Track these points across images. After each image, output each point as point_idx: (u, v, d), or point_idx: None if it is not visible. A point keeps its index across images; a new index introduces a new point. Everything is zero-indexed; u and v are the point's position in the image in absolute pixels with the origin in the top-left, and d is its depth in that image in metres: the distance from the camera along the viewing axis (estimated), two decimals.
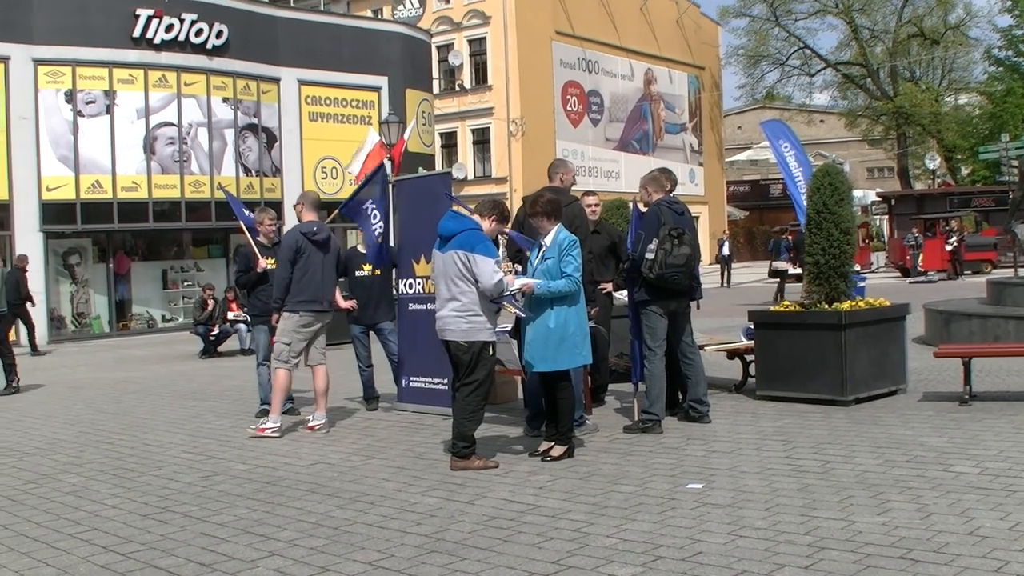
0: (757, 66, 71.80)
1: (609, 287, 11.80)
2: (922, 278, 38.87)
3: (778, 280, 31.08)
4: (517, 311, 9.21)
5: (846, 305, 11.47)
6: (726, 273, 43.02)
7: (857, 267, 12.69)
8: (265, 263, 12.57)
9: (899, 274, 43.81)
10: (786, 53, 71.51)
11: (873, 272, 46.56)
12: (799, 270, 27.32)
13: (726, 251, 43.49)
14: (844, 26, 68.13)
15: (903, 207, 50.72)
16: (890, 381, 11.85)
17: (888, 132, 69.26)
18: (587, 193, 12.27)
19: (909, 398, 11.64)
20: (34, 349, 24.98)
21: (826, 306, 11.54)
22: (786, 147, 15.39)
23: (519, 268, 9.78)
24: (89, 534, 7.38)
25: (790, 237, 34.32)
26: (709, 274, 35.35)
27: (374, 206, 12.52)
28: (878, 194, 61.93)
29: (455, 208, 9.76)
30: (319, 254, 11.45)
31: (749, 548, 6.21)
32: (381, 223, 12.45)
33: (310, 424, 11.47)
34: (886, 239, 50.61)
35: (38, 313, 28.07)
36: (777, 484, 7.80)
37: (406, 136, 25.02)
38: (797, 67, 72.28)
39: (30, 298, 24.55)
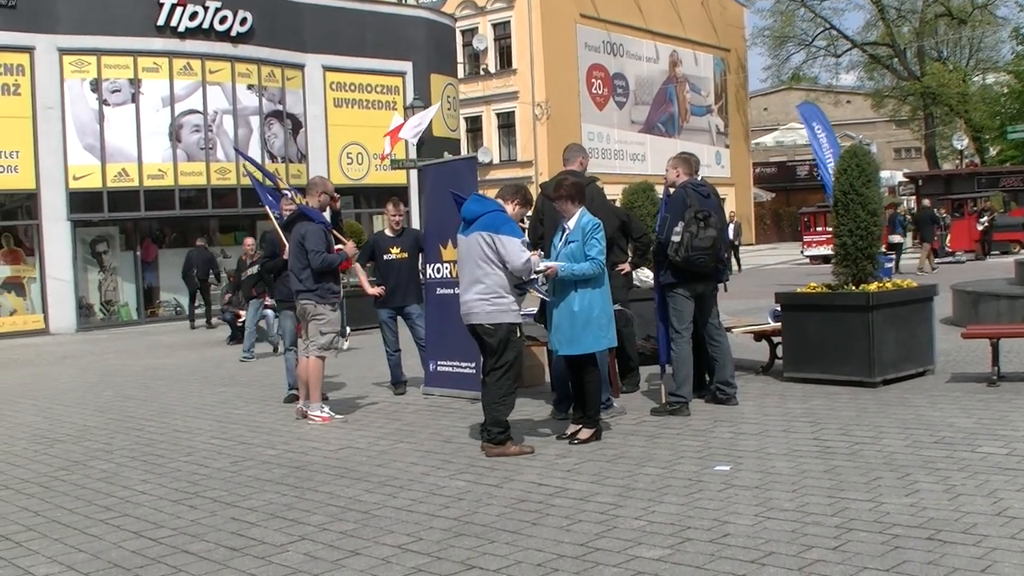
0: (783, 47, 71.57)
1: (626, 267, 11.72)
2: (950, 258, 38.69)
3: (893, 253, 32.47)
4: (542, 296, 9.20)
5: (873, 286, 11.44)
6: (731, 257, 42.29)
7: (884, 248, 12.64)
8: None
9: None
10: (812, 34, 71.27)
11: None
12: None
13: (730, 235, 42.28)
14: (870, 6, 67.75)
15: (931, 188, 50.48)
16: (918, 362, 11.81)
17: (915, 112, 68.88)
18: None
19: (937, 379, 11.60)
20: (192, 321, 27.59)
21: (853, 287, 11.51)
22: (819, 129, 15.39)
23: (542, 252, 9.76)
24: (120, 520, 7.43)
25: (905, 214, 35.21)
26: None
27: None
28: (905, 175, 61.64)
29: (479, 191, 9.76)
30: (290, 243, 11.49)
31: (777, 530, 6.21)
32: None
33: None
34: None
35: (68, 300, 28.35)
36: (805, 466, 7.79)
37: (421, 119, 24.92)
38: (823, 48, 72.05)
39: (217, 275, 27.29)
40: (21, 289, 28.44)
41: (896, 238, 33.61)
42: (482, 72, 54.28)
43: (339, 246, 11.41)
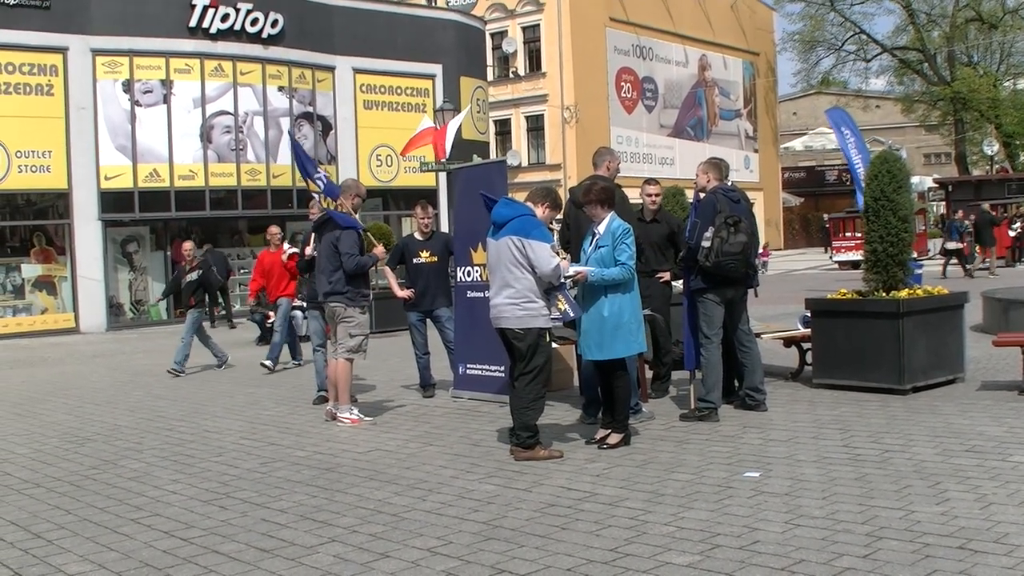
0: (812, 51, 71.38)
1: (667, 276, 11.79)
2: (980, 265, 38.41)
3: (946, 258, 34.46)
4: (568, 309, 9.14)
5: (904, 293, 11.40)
6: None
7: (914, 254, 12.59)
8: (310, 249, 12.45)
9: (955, 261, 43.33)
10: (842, 38, 71.05)
11: (930, 259, 46.10)
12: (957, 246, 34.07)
13: None
14: (900, 10, 67.50)
15: (960, 193, 50.18)
16: (948, 370, 11.76)
17: (945, 118, 68.57)
18: (648, 181, 12.22)
19: (967, 387, 11.55)
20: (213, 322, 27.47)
21: (884, 294, 11.47)
22: (848, 134, 15.34)
23: (568, 256, 9.78)
24: (151, 519, 7.48)
25: (963, 219, 35.64)
26: None
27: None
28: (935, 180, 61.32)
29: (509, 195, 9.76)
30: (320, 242, 11.50)
31: (807, 537, 6.20)
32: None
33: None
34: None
35: (98, 299, 28.52)
36: (835, 473, 7.77)
37: (451, 126, 24.95)
38: (853, 52, 71.78)
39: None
40: (52, 288, 28.63)
41: (952, 244, 33.95)
42: (511, 75, 54.34)
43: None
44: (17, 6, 27.46)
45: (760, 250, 51.12)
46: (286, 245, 17.43)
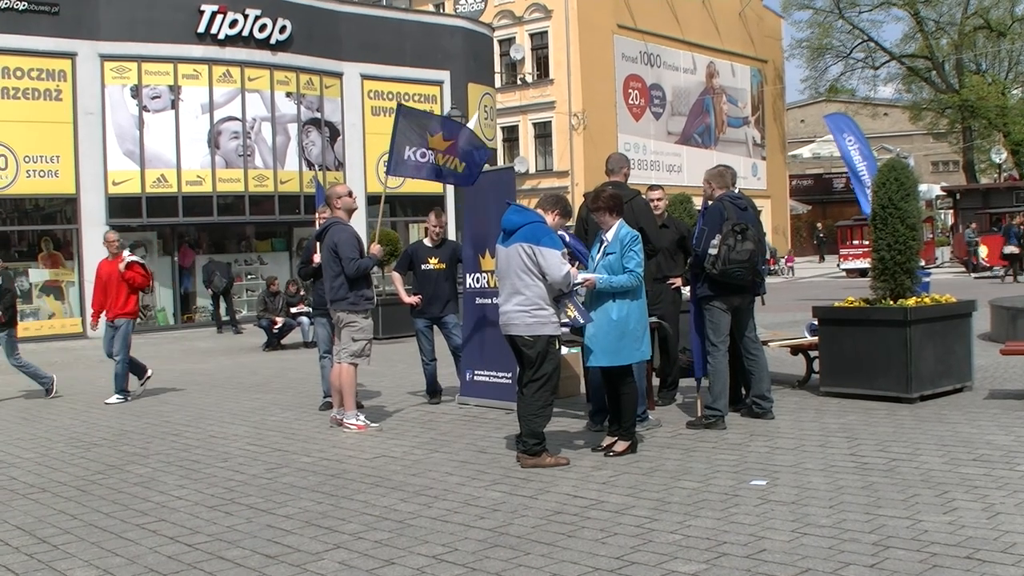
0: (821, 59, 71.18)
1: (678, 282, 11.77)
2: (988, 273, 38.44)
3: (1007, 264, 35.13)
4: (577, 315, 9.12)
5: (911, 301, 11.37)
6: None
7: (922, 262, 12.57)
8: (318, 257, 12.39)
9: (963, 269, 43.32)
10: (850, 46, 70.86)
11: (938, 267, 46.08)
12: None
13: None
14: (909, 18, 67.32)
15: (968, 201, 50.13)
16: (956, 378, 11.74)
17: (953, 125, 68.39)
18: (652, 187, 12.24)
19: (975, 395, 11.53)
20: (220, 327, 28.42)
21: (891, 302, 11.45)
22: (850, 140, 15.26)
23: (581, 263, 9.77)
24: (156, 524, 7.48)
25: (1021, 224, 35.98)
26: None
27: (414, 149, 12.31)
28: (943, 188, 61.23)
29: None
30: (323, 252, 11.51)
31: (814, 546, 6.19)
32: (430, 155, 12.22)
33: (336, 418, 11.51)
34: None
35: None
36: (842, 481, 7.75)
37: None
38: (861, 60, 71.62)
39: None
40: (60, 293, 28.65)
41: (1010, 248, 34.30)
42: (519, 82, 54.33)
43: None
44: (26, 11, 27.48)
45: (785, 257, 51.31)
46: (125, 253, 15.56)
